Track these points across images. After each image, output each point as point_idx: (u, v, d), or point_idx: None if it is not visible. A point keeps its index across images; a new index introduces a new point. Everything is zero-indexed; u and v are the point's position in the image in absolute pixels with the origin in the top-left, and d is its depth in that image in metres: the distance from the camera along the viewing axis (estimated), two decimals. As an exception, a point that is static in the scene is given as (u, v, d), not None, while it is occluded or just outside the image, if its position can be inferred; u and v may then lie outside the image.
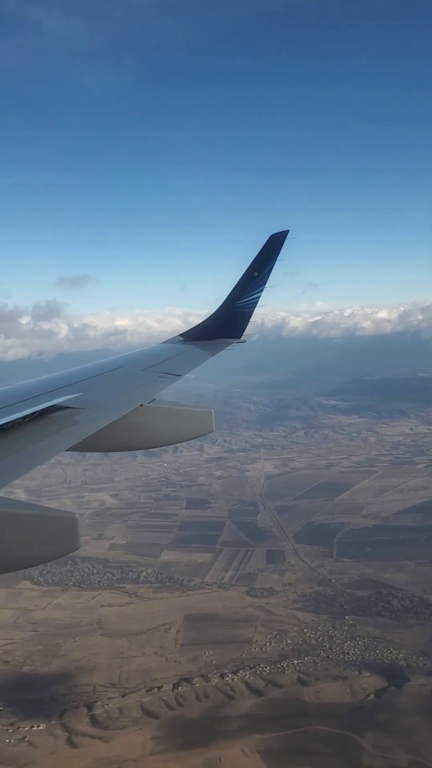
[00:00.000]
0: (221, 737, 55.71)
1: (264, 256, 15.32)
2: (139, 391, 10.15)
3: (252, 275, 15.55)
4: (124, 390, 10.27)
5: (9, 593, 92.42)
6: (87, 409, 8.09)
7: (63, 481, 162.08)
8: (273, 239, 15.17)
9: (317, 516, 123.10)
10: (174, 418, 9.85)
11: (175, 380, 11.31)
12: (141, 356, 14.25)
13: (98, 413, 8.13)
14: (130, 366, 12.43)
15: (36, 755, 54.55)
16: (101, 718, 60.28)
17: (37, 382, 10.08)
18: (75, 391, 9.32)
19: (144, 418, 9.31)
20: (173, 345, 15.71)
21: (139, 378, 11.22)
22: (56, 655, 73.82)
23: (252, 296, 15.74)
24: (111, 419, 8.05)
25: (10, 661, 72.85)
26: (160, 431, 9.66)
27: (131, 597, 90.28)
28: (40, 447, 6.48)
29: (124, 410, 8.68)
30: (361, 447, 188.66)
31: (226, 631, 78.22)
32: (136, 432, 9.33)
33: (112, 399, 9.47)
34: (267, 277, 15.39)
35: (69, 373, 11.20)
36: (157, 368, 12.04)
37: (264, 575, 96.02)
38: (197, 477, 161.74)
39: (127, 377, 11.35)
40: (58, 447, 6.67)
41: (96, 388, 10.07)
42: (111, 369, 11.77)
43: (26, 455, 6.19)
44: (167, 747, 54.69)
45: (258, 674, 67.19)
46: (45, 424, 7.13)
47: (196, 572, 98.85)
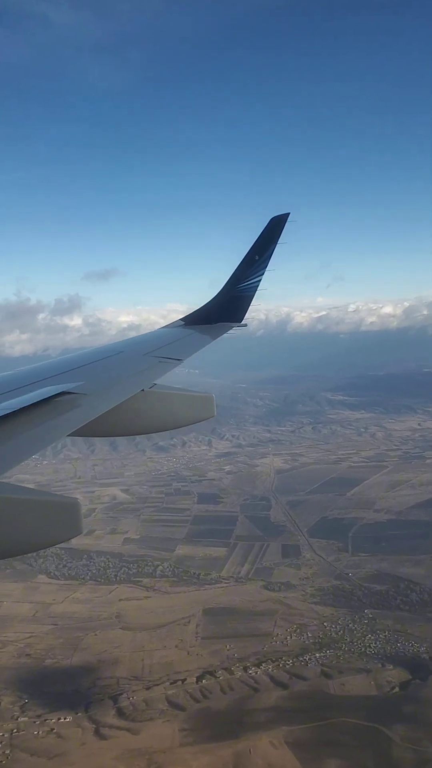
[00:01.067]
0: (249, 729, 55.88)
1: (265, 240, 15.09)
2: (140, 376, 10.04)
3: (253, 259, 15.31)
4: (125, 375, 10.16)
5: (27, 587, 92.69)
6: (88, 395, 8.01)
7: (73, 476, 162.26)
8: (274, 222, 14.96)
9: (330, 511, 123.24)
10: (175, 402, 9.88)
11: (177, 364, 11.16)
12: (142, 341, 14.04)
13: (99, 398, 8.08)
14: (130, 351, 12.25)
15: (66, 747, 54.76)
16: (128, 711, 60.48)
17: (38, 367, 9.97)
18: (76, 376, 9.27)
19: (145, 402, 9.32)
20: (174, 329, 15.43)
21: (140, 363, 11.09)
22: (77, 648, 74.03)
23: (253, 280, 15.48)
24: (112, 404, 8.01)
25: (32, 654, 73.02)
26: (162, 416, 9.68)
27: (149, 591, 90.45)
28: (41, 432, 6.42)
29: (125, 395, 8.63)
30: (369, 442, 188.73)
31: (246, 624, 78.39)
32: (137, 417, 9.35)
33: (113, 384, 9.40)
34: (268, 261, 15.16)
35: (70, 359, 11.15)
36: (158, 353, 11.85)
37: (280, 569, 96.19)
38: (207, 472, 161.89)
39: (127, 362, 11.22)
40: (60, 432, 6.64)
41: (97, 373, 10.00)
42: (112, 354, 11.63)
43: (27, 440, 6.13)
44: (196, 739, 54.89)
45: (281, 667, 67.37)
46: (46, 410, 7.07)
47: (212, 566, 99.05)
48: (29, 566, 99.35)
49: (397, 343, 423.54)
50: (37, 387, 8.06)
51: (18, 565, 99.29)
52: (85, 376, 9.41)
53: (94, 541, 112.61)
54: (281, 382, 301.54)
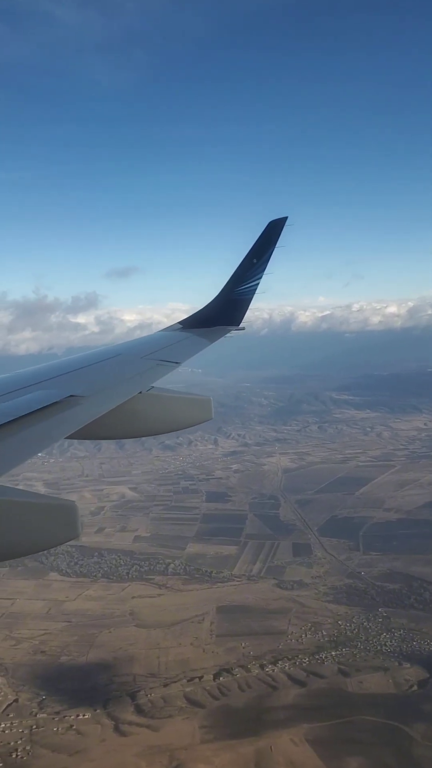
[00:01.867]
0: (269, 727, 55.90)
1: (263, 243, 15.11)
2: (138, 378, 10.11)
3: (251, 262, 15.35)
4: (122, 377, 10.22)
5: (38, 584, 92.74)
6: (86, 397, 8.08)
7: (80, 474, 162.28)
8: (272, 225, 14.98)
9: (340, 510, 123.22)
10: (173, 405, 9.94)
11: (174, 368, 11.25)
12: (140, 344, 14.14)
13: (97, 401, 8.15)
14: (128, 354, 12.36)
15: (86, 743, 54.79)
16: (146, 707, 60.50)
17: (37, 369, 10.01)
18: (74, 378, 9.39)
19: (143, 405, 9.36)
20: (172, 333, 15.54)
21: (138, 365, 11.18)
22: (93, 645, 74.04)
23: (251, 283, 15.54)
24: (110, 407, 8.07)
25: (47, 651, 73.05)
26: (159, 418, 9.73)
27: (161, 588, 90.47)
28: (39, 434, 6.48)
29: (123, 398, 8.68)
30: (375, 442, 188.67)
31: (260, 622, 78.39)
32: (135, 419, 9.39)
33: (110, 386, 9.43)
34: (266, 264, 15.21)
35: (68, 361, 11.17)
36: (156, 356, 11.95)
37: (292, 568, 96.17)
38: (214, 470, 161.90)
39: (125, 365, 11.30)
40: (58, 434, 6.69)
41: (95, 375, 10.07)
42: (110, 357, 11.72)
43: (25, 443, 6.19)
44: (217, 736, 54.90)
45: (297, 665, 67.38)
46: (44, 412, 7.13)
47: (224, 564, 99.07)
48: (41, 563, 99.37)
49: (401, 343, 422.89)
50: (35, 389, 8.19)
51: (29, 563, 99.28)
52: (83, 378, 9.57)
53: (105, 538, 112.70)
54: (285, 382, 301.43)
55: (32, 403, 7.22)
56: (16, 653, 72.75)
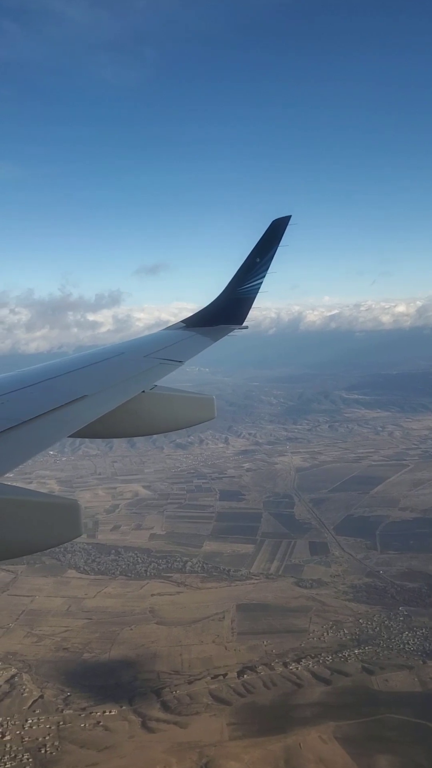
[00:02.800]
0: (297, 724, 55.83)
1: (266, 242, 15.08)
2: (141, 377, 10.10)
3: (254, 261, 15.35)
4: (125, 376, 10.21)
5: (57, 582, 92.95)
6: (89, 396, 8.09)
7: (93, 473, 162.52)
8: (275, 225, 14.92)
9: (355, 509, 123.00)
10: (176, 404, 9.90)
11: (177, 366, 11.26)
12: (143, 343, 14.16)
13: (100, 399, 8.16)
14: (131, 353, 12.39)
15: (115, 739, 54.86)
16: (172, 704, 60.53)
17: (41, 368, 10.02)
18: (78, 377, 9.41)
19: (146, 404, 9.35)
20: (175, 331, 15.56)
21: (141, 364, 11.18)
22: (114, 642, 74.15)
23: (254, 282, 15.55)
24: (113, 406, 8.06)
25: (69, 648, 73.21)
26: (162, 417, 9.71)
27: (180, 586, 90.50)
28: (42, 433, 6.48)
29: (126, 396, 8.67)
30: (387, 441, 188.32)
31: (281, 620, 78.33)
32: (138, 418, 9.38)
33: (114, 385, 9.44)
34: (269, 263, 15.19)
35: (71, 360, 11.17)
36: (159, 355, 11.97)
37: (310, 566, 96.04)
38: (226, 469, 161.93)
39: (128, 364, 11.33)
40: (61, 433, 6.69)
41: (98, 374, 10.07)
42: (113, 355, 11.75)
43: (29, 441, 6.20)
44: (245, 733, 54.88)
45: (321, 663, 67.28)
46: (47, 411, 7.17)
47: (241, 563, 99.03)
48: (58, 561, 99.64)
49: (410, 342, 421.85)
50: (40, 387, 8.30)
51: (47, 560, 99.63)
52: (86, 377, 9.62)
53: (121, 536, 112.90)
54: (294, 381, 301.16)
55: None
56: (38, 650, 72.93)
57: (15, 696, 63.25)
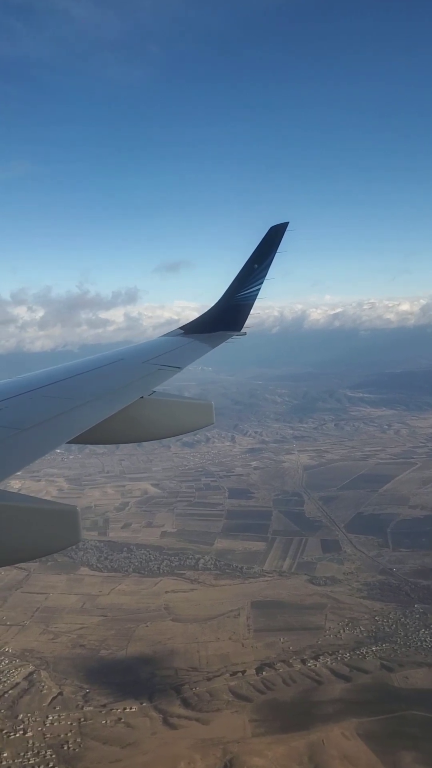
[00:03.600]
0: (319, 721, 55.84)
1: (264, 248, 15.04)
2: (140, 383, 10.12)
3: (252, 267, 15.31)
4: (124, 382, 10.23)
5: (70, 579, 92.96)
6: (87, 402, 8.12)
7: (101, 471, 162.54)
8: (273, 231, 14.86)
9: (365, 507, 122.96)
10: (174, 410, 9.90)
11: (176, 372, 11.24)
12: (141, 349, 14.20)
13: (99, 406, 8.14)
14: (130, 358, 12.42)
15: (137, 736, 54.88)
16: (193, 701, 60.54)
17: (39, 374, 10.00)
18: (76, 383, 9.44)
19: (144, 410, 9.35)
20: (173, 338, 15.61)
21: (140, 370, 11.21)
22: (131, 639, 74.15)
23: (252, 288, 15.51)
24: (111, 412, 8.05)
25: (86, 645, 73.20)
26: (161, 423, 9.71)
27: (193, 583, 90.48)
28: (40, 439, 6.48)
29: (124, 402, 8.67)
30: (394, 439, 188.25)
31: (297, 618, 78.30)
32: (136, 424, 9.38)
33: (112, 392, 9.43)
34: (267, 270, 15.15)
35: (71, 366, 11.16)
36: (158, 361, 12.00)
37: (323, 564, 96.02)
38: (234, 467, 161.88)
39: (127, 370, 11.34)
40: (59, 439, 6.67)
41: (97, 380, 10.08)
42: (112, 361, 11.79)
43: (26, 448, 6.19)
44: (267, 729, 54.89)
45: (339, 660, 67.27)
46: (45, 416, 7.20)
47: (253, 560, 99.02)
48: (70, 558, 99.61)
49: (413, 341, 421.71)
50: (39, 394, 8.30)
51: (59, 558, 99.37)
52: (85, 383, 9.62)
53: (132, 534, 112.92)
54: (298, 379, 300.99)
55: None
56: (55, 647, 72.94)
57: (34, 693, 63.26)
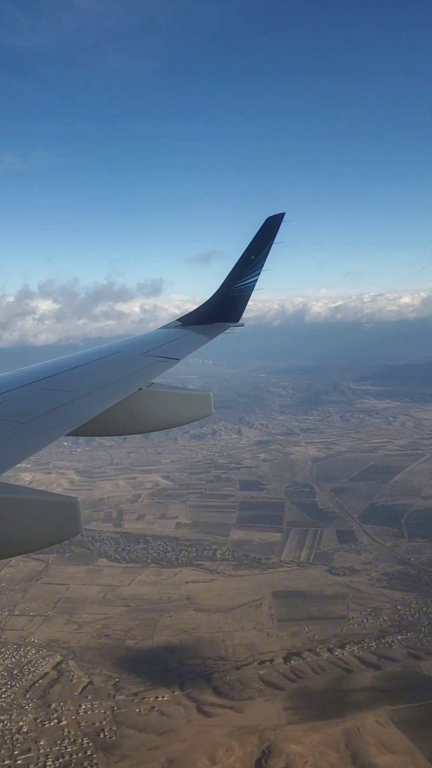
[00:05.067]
0: (352, 708, 56.32)
1: (260, 240, 15.06)
2: (138, 375, 10.15)
3: (249, 259, 15.34)
4: (122, 374, 10.28)
5: (89, 570, 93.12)
6: (86, 394, 8.18)
7: (110, 463, 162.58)
8: (269, 222, 14.87)
9: (377, 498, 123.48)
10: (173, 401, 9.97)
11: (174, 364, 11.31)
12: (139, 341, 14.25)
13: (97, 398, 8.18)
14: (128, 351, 12.47)
15: (172, 723, 55.21)
16: (224, 689, 60.89)
17: (37, 367, 10.02)
18: (74, 376, 9.48)
19: (143, 402, 9.40)
20: (171, 330, 15.66)
21: (138, 362, 11.26)
22: (155, 629, 74.46)
23: (249, 280, 15.56)
24: (110, 404, 8.09)
25: (111, 635, 73.43)
26: (159, 415, 9.77)
27: (213, 574, 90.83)
28: (39, 431, 6.52)
29: (123, 394, 8.72)
30: (400, 431, 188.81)
31: (319, 607, 78.76)
32: (135, 416, 9.43)
33: (110, 383, 9.48)
34: (264, 261, 15.19)
35: (68, 359, 11.20)
36: (156, 353, 12.05)
37: (340, 554, 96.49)
38: (242, 459, 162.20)
39: (125, 362, 11.38)
40: (58, 431, 6.71)
41: (94, 373, 10.12)
42: (109, 354, 11.84)
43: (26, 440, 6.23)
44: (302, 717, 55.29)
45: (365, 649, 67.77)
46: (44, 409, 7.22)
47: (270, 551, 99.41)
48: (87, 550, 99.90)
49: (415, 334, 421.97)
50: (37, 387, 8.29)
51: (76, 549, 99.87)
52: (83, 376, 9.66)
53: (147, 525, 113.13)
54: (301, 372, 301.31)
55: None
56: (80, 637, 73.18)
57: (64, 682, 63.52)
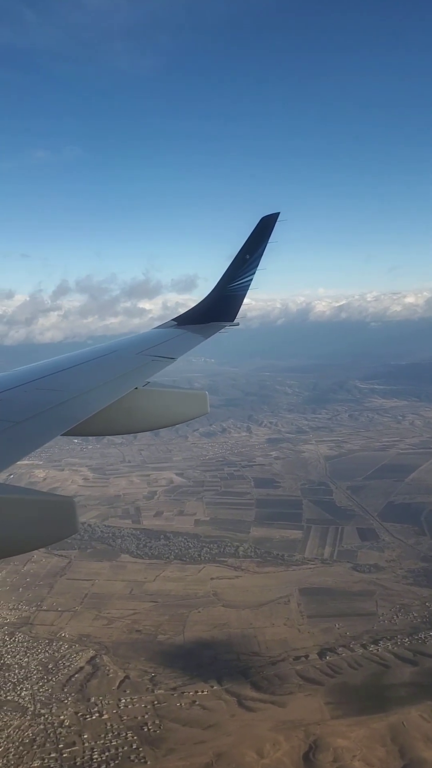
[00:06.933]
0: (394, 703, 56.39)
1: (255, 239, 15.09)
2: (134, 374, 10.20)
3: (244, 258, 15.38)
4: (118, 374, 10.30)
5: (113, 566, 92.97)
6: (82, 394, 8.22)
7: (122, 461, 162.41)
8: (264, 222, 14.89)
9: (394, 496, 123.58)
10: (169, 400, 10.01)
11: (169, 363, 11.35)
12: (135, 340, 14.28)
13: (93, 397, 8.22)
14: (124, 350, 12.54)
15: (216, 718, 55.16)
16: (263, 684, 60.87)
17: (33, 367, 10.06)
18: (70, 375, 9.51)
19: (139, 401, 9.47)
20: (167, 329, 15.67)
21: (134, 362, 11.30)
22: (186, 624, 74.39)
23: (244, 279, 15.62)
24: (106, 403, 8.12)
25: (142, 630, 73.36)
26: (156, 413, 9.83)
27: (237, 570, 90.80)
28: (36, 431, 6.55)
29: (119, 394, 8.76)
30: (410, 430, 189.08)
31: (347, 604, 78.80)
32: (131, 415, 9.49)
33: (106, 383, 9.49)
34: (259, 260, 15.22)
35: (65, 358, 11.25)
36: (151, 352, 12.10)
37: (364, 552, 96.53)
38: (254, 457, 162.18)
39: (121, 361, 11.44)
40: (54, 431, 6.74)
41: (91, 372, 10.16)
42: (105, 353, 11.89)
43: (22, 440, 6.25)
44: (345, 712, 55.35)
45: (399, 645, 67.85)
46: (40, 409, 7.27)
47: (292, 548, 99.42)
48: (109, 546, 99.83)
49: (419, 333, 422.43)
50: (33, 386, 8.34)
51: (97, 545, 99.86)
52: (79, 375, 9.65)
53: (165, 522, 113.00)
54: (306, 371, 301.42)
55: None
56: (111, 632, 73.06)
57: (101, 677, 63.41)
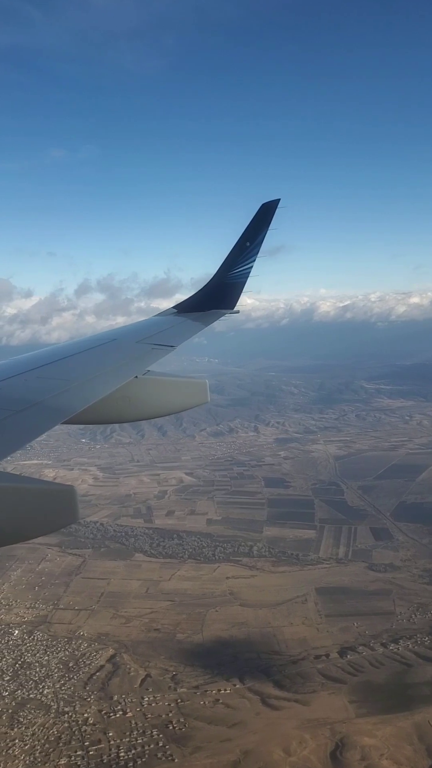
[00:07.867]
0: (419, 702, 56.31)
1: (255, 226, 14.96)
2: (134, 363, 10.16)
3: (244, 245, 15.24)
4: (118, 362, 10.29)
5: (128, 565, 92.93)
6: (82, 382, 8.20)
7: (130, 460, 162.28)
8: (264, 208, 14.77)
9: (406, 495, 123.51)
10: (169, 388, 9.96)
11: (169, 351, 11.32)
12: (135, 329, 14.24)
13: (93, 386, 8.21)
14: (123, 339, 12.49)
15: (241, 716, 55.08)
16: (285, 683, 60.79)
17: (32, 356, 10.00)
18: (70, 364, 9.50)
19: (139, 389, 9.42)
20: (166, 317, 15.63)
21: (133, 350, 11.27)
22: (204, 623, 74.31)
23: (244, 266, 15.49)
24: (106, 391, 8.10)
25: (160, 629, 73.29)
26: (156, 402, 9.79)
27: (252, 570, 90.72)
28: (35, 420, 6.50)
29: (119, 382, 8.73)
30: (418, 430, 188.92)
31: (365, 603, 78.69)
32: (131, 403, 9.45)
33: (106, 372, 9.46)
34: (259, 247, 15.10)
35: (64, 347, 11.21)
36: (151, 340, 12.06)
37: (378, 551, 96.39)
38: (263, 457, 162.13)
39: (121, 350, 11.40)
40: (54, 420, 6.70)
41: (90, 361, 10.12)
42: (105, 342, 11.85)
43: (21, 429, 6.22)
44: (369, 710, 55.28)
45: (420, 644, 67.76)
46: (40, 398, 7.23)
47: (306, 548, 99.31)
48: (122, 545, 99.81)
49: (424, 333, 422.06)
50: (33, 375, 8.30)
51: (111, 544, 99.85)
52: (79, 364, 9.64)
53: (178, 521, 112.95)
54: (311, 371, 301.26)
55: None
56: (129, 631, 73.01)
57: (122, 675, 63.36)
